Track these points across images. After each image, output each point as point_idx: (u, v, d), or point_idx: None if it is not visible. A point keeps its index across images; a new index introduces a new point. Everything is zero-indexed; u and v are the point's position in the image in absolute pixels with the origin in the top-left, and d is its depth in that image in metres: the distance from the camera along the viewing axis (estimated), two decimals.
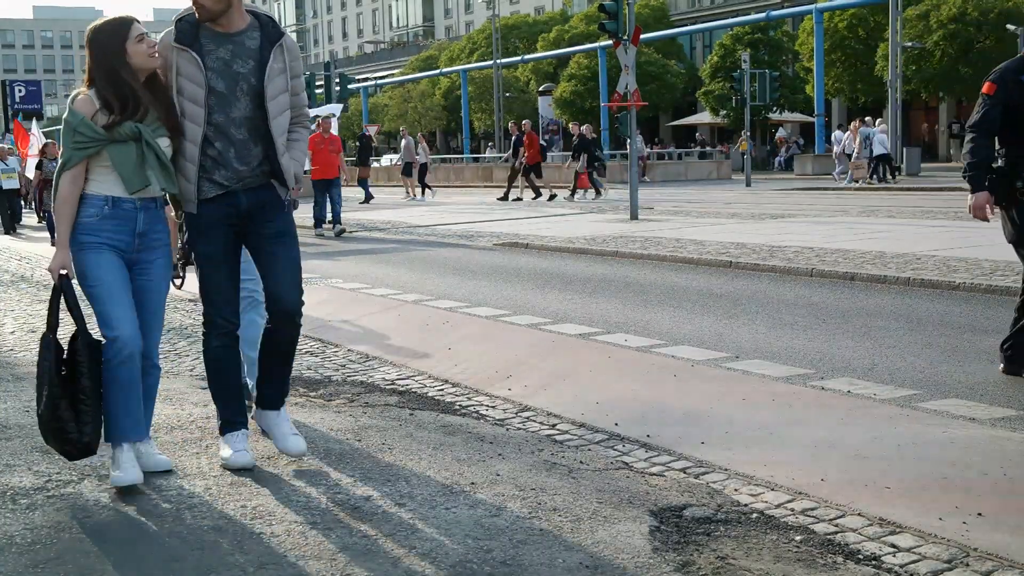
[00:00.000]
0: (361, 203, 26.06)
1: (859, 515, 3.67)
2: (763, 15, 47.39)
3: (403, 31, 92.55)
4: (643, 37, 29.85)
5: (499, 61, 52.50)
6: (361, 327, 8.16)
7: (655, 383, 5.97)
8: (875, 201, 21.69)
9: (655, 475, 4.22)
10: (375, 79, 69.20)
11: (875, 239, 12.71)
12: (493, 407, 5.49)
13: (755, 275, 10.34)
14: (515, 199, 25.83)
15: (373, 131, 39.47)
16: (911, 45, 36.53)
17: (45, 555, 3.36)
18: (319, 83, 36.69)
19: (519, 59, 57.20)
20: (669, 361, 6.43)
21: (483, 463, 4.33)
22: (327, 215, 17.37)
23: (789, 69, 48.69)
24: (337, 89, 33.85)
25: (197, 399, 5.53)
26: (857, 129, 29.69)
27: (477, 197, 29.28)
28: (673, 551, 3.35)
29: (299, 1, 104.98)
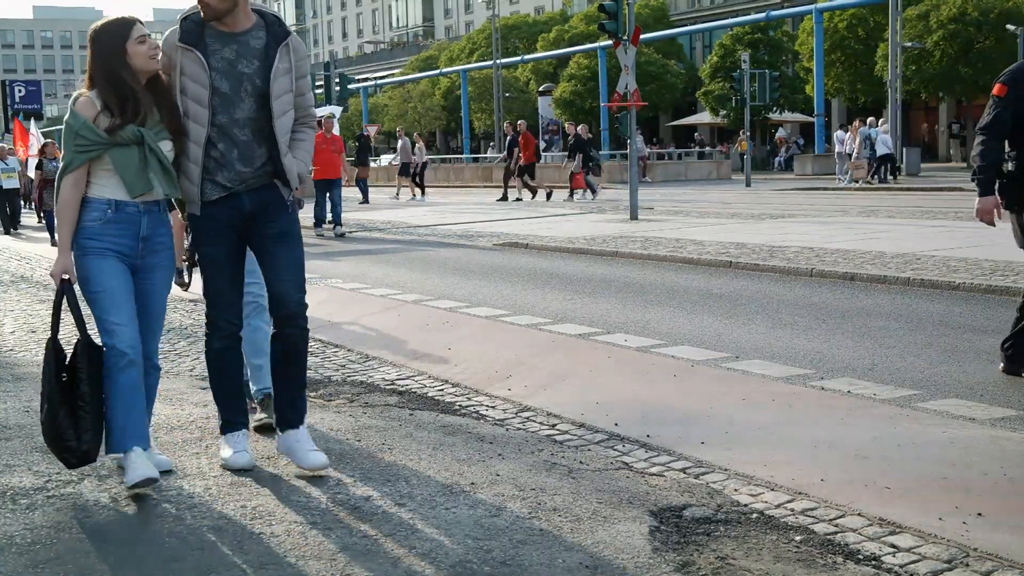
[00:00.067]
0: (361, 203, 26.09)
1: (859, 515, 3.67)
2: (763, 15, 47.40)
3: (403, 31, 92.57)
4: (643, 37, 29.91)
5: (499, 61, 52.50)
6: (361, 327, 8.16)
7: (655, 383, 5.97)
8: (875, 201, 21.69)
9: (655, 475, 4.22)
10: (375, 79, 69.20)
11: (875, 239, 12.71)
12: (493, 407, 5.49)
13: (755, 275, 10.34)
14: (515, 199, 25.82)
15: (373, 131, 39.44)
16: (911, 45, 36.53)
17: (45, 555, 3.36)
18: (319, 83, 36.75)
19: (519, 59, 57.21)
20: (669, 361, 6.43)
21: (483, 463, 4.33)
22: (327, 215, 17.37)
23: (789, 69, 48.69)
24: (337, 89, 33.86)
25: (197, 399, 5.53)
26: (857, 129, 29.70)
27: (477, 197, 29.28)
28: (673, 551, 3.35)
29: (299, 1, 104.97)
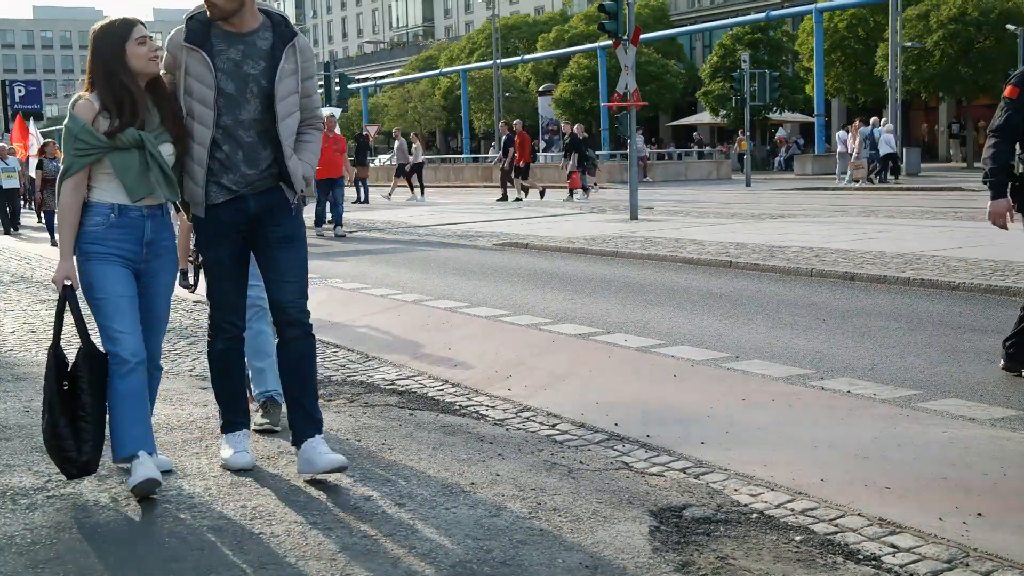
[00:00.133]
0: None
1: (859, 515, 3.67)
2: (763, 15, 47.39)
3: (403, 31, 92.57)
4: (643, 37, 29.91)
5: (499, 61, 52.49)
6: (361, 327, 8.16)
7: (655, 383, 5.97)
8: (875, 201, 21.69)
9: (655, 475, 4.22)
10: (375, 79, 69.19)
11: (875, 239, 12.71)
12: (493, 407, 5.49)
13: (755, 275, 10.34)
14: (516, 199, 25.82)
15: (373, 131, 39.45)
16: (911, 45, 36.51)
17: (45, 555, 3.36)
18: (319, 83, 36.69)
19: (519, 59, 57.20)
20: (669, 361, 6.43)
21: (483, 463, 4.33)
22: (327, 215, 17.36)
23: (789, 69, 48.67)
24: (337, 89, 33.87)
25: (197, 399, 5.53)
26: (857, 129, 29.69)
27: (477, 197, 29.27)
28: (673, 551, 3.35)
29: (299, 1, 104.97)
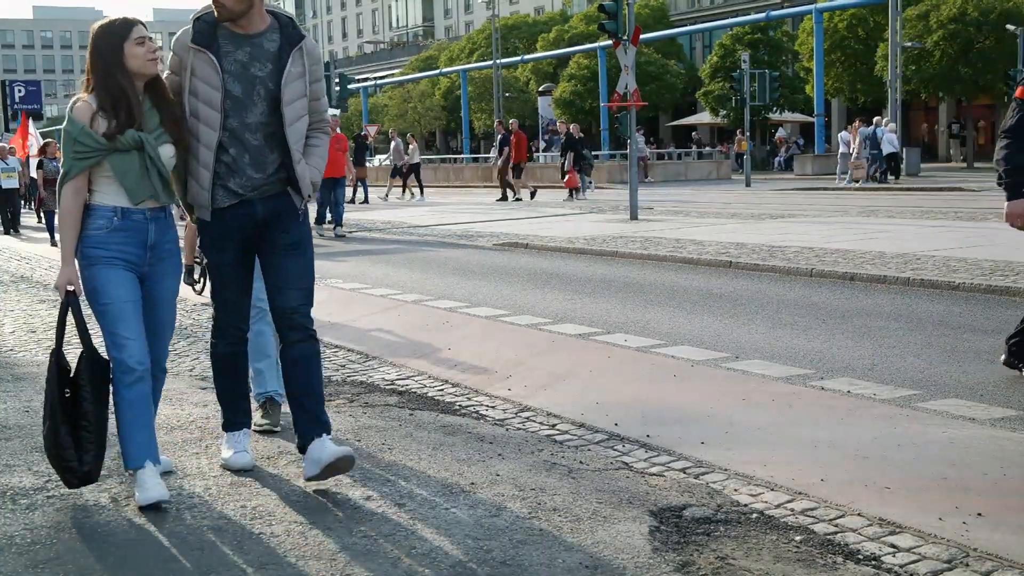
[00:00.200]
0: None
1: (859, 515, 3.67)
2: (763, 15, 47.39)
3: (403, 31, 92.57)
4: (643, 37, 29.90)
5: (499, 61, 52.48)
6: (361, 327, 8.16)
7: (655, 383, 5.97)
8: (875, 201, 21.69)
9: (655, 475, 4.22)
10: (375, 79, 69.19)
11: (875, 239, 12.71)
12: (493, 407, 5.49)
13: (755, 275, 10.34)
14: (516, 199, 25.83)
15: (373, 131, 39.44)
16: (911, 45, 36.53)
17: (45, 555, 3.36)
18: None
19: (519, 59, 57.19)
20: (669, 361, 6.43)
21: (483, 463, 4.33)
22: (327, 215, 17.35)
23: (789, 69, 48.68)
24: (337, 89, 33.85)
25: (197, 399, 5.53)
26: (857, 129, 29.70)
27: (477, 197, 29.27)
28: (673, 551, 3.35)
29: (299, 1, 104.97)
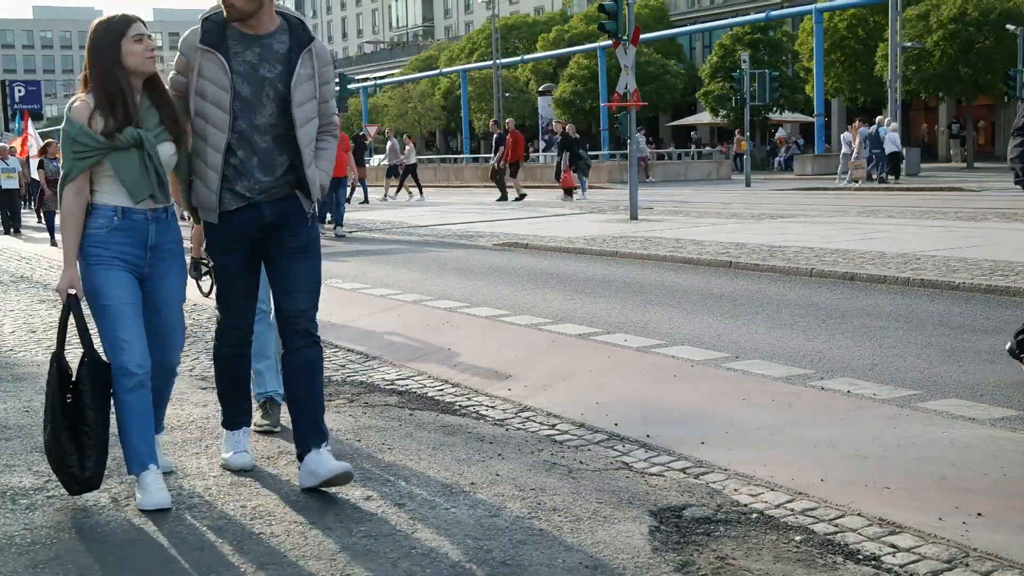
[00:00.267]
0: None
1: (859, 515, 3.67)
2: (763, 15, 47.39)
3: (403, 31, 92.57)
4: (643, 37, 29.90)
5: (499, 61, 52.48)
6: (361, 327, 8.16)
7: (655, 383, 5.97)
8: (875, 201, 21.69)
9: (655, 475, 4.22)
10: (375, 79, 69.20)
11: (875, 239, 12.71)
12: (493, 407, 5.49)
13: (755, 275, 10.34)
14: (515, 199, 25.81)
15: (373, 131, 39.43)
16: (911, 45, 36.52)
17: (45, 555, 3.36)
18: None
19: (519, 59, 57.19)
20: (669, 361, 6.43)
21: (483, 463, 4.33)
22: (328, 215, 17.34)
23: (789, 69, 48.67)
24: (337, 89, 33.85)
25: (197, 399, 5.53)
26: (857, 129, 29.70)
27: (477, 197, 29.26)
28: (673, 551, 3.35)
29: (299, 1, 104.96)
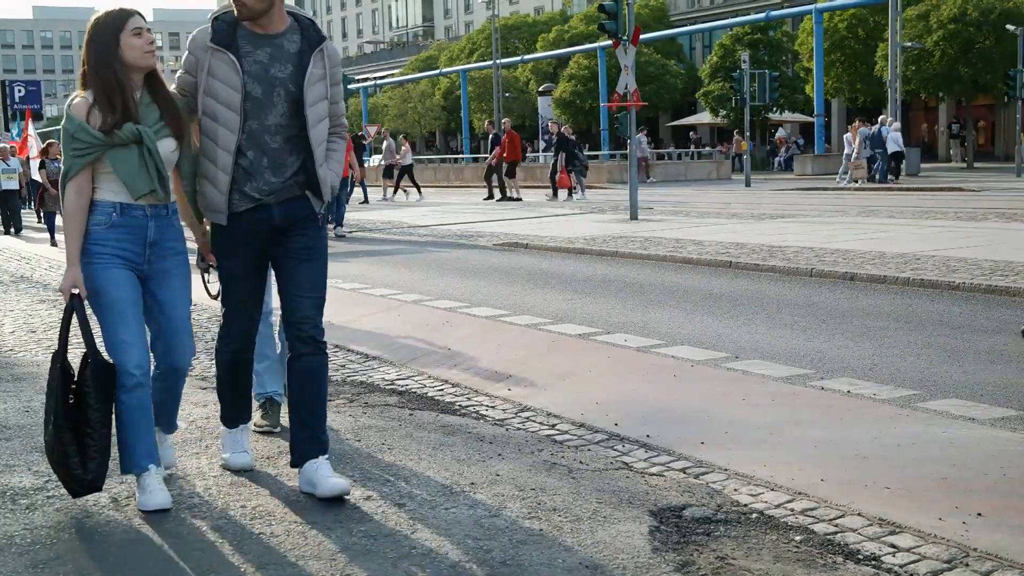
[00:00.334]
0: (360, 203, 26.13)
1: (859, 515, 3.67)
2: (763, 15, 47.38)
3: (403, 31, 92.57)
4: (643, 37, 29.91)
5: (499, 61, 52.47)
6: (361, 327, 8.16)
7: (655, 383, 5.97)
8: (875, 201, 21.69)
9: (655, 475, 4.22)
10: (375, 79, 69.20)
11: (875, 239, 12.71)
12: (493, 407, 5.49)
13: (755, 275, 10.34)
14: (516, 199, 25.82)
15: (373, 131, 39.46)
16: (911, 45, 36.53)
17: (45, 555, 3.36)
18: None
19: (519, 59, 57.19)
20: (669, 361, 6.43)
21: (483, 463, 4.33)
22: (328, 216, 17.31)
23: (789, 69, 48.68)
24: None
25: (197, 399, 5.53)
26: (857, 129, 29.70)
27: (477, 197, 29.22)
28: (673, 551, 3.35)
29: (299, 1, 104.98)
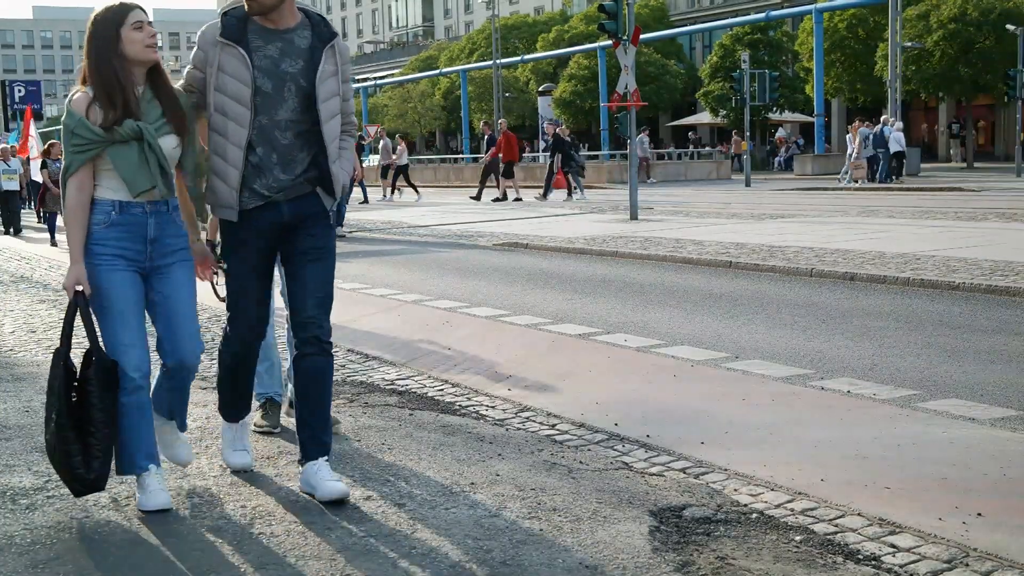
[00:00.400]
0: (360, 203, 26.16)
1: (859, 515, 3.67)
2: (763, 15, 47.38)
3: (403, 31, 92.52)
4: (643, 37, 29.90)
5: (499, 61, 52.46)
6: (361, 327, 8.15)
7: (655, 383, 5.97)
8: (875, 201, 21.69)
9: (655, 475, 4.22)
10: (375, 79, 69.20)
11: (875, 239, 12.71)
12: (493, 407, 5.48)
13: (755, 275, 10.34)
14: (515, 199, 25.82)
15: (374, 131, 39.46)
16: (911, 45, 36.53)
17: (45, 555, 3.36)
18: None
19: (519, 59, 57.19)
20: (669, 361, 6.43)
21: (483, 463, 4.32)
22: None
23: (789, 69, 48.68)
24: None
25: (197, 399, 5.51)
26: (856, 129, 29.71)
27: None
28: (673, 551, 3.35)
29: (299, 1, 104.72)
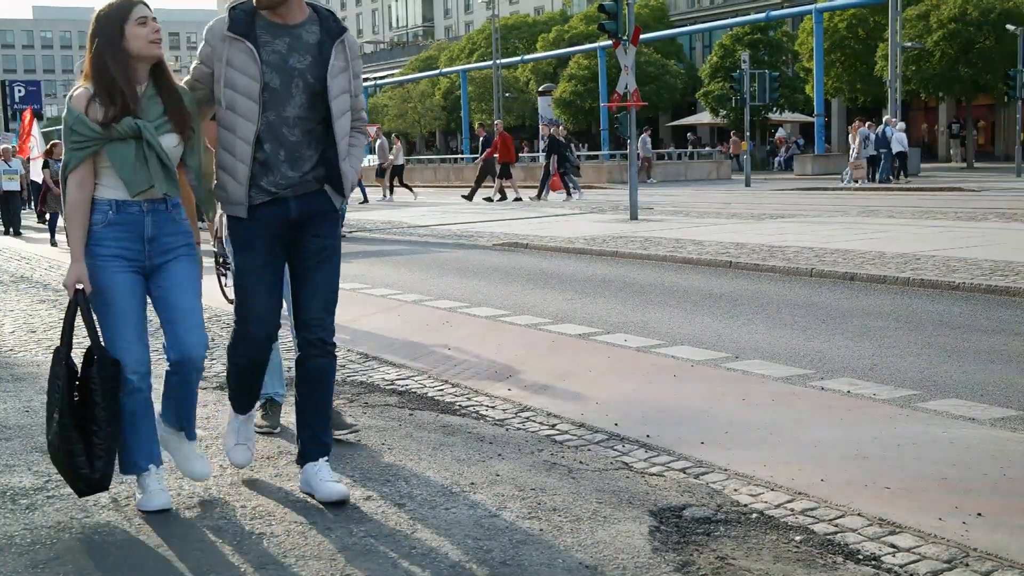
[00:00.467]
0: (360, 203, 26.18)
1: (859, 515, 3.67)
2: (763, 15, 47.39)
3: (403, 31, 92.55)
4: (643, 37, 29.91)
5: (499, 61, 52.47)
6: (361, 327, 8.16)
7: (655, 383, 5.97)
8: (875, 201, 21.69)
9: (655, 475, 4.22)
10: (375, 79, 69.16)
11: (875, 239, 12.71)
12: (493, 407, 5.48)
13: (755, 275, 10.34)
14: (515, 199, 25.83)
15: (374, 131, 39.47)
16: (911, 45, 36.54)
17: (45, 555, 3.36)
18: None
19: (519, 59, 57.19)
20: (669, 361, 6.43)
21: (483, 463, 4.33)
22: None
23: (789, 69, 48.67)
24: None
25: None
26: (856, 129, 29.71)
27: (476, 197, 29.23)
28: (673, 551, 3.35)
29: None
